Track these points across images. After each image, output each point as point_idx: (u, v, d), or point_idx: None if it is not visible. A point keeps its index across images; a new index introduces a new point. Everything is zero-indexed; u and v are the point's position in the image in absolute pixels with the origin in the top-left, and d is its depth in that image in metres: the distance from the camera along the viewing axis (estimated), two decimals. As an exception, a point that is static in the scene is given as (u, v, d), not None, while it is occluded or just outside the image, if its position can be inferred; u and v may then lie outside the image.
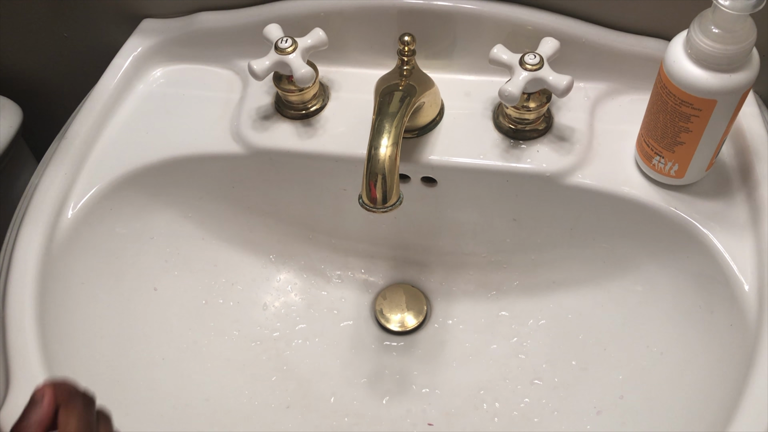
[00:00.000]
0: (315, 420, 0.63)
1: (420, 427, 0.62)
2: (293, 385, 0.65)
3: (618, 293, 0.63)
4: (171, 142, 0.63)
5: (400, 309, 0.69)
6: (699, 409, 0.54)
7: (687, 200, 0.57)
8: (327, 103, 0.64)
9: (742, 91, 0.49)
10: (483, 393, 0.64)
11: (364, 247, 0.71)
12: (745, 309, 0.52)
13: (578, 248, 0.64)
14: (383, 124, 0.52)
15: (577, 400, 0.61)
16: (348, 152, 0.61)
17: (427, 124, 0.61)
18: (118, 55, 0.67)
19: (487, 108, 0.62)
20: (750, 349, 0.50)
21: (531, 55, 0.56)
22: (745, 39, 0.47)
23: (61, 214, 0.59)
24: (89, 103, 0.65)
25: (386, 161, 0.51)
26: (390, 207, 0.52)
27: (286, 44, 0.58)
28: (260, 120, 0.63)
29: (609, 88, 0.62)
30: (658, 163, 0.56)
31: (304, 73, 0.58)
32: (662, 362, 0.59)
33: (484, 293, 0.68)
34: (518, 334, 0.66)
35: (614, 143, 0.60)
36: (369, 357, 0.67)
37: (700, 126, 0.51)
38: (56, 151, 0.62)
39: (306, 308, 0.69)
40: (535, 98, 0.58)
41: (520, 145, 0.60)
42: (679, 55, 0.49)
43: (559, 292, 0.66)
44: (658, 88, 0.52)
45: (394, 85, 0.55)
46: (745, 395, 0.48)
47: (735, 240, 0.55)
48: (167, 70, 0.68)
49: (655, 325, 0.60)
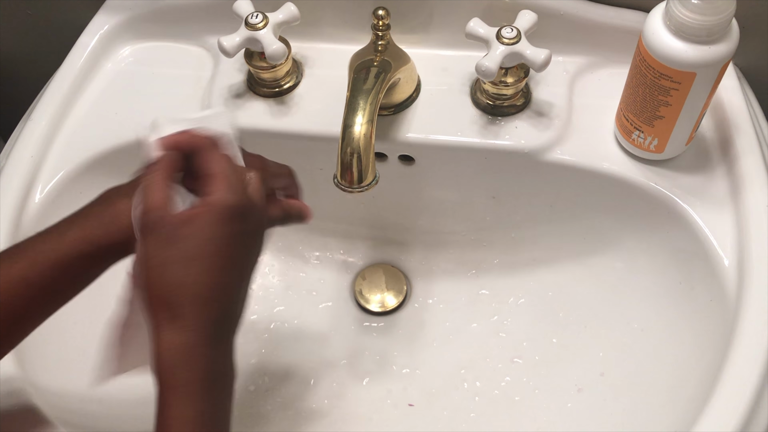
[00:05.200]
0: (295, 402, 0.62)
1: (401, 408, 0.62)
2: (272, 368, 0.64)
3: (599, 270, 0.63)
4: (141, 123, 0.61)
5: (379, 289, 0.68)
6: (680, 384, 0.54)
7: (667, 175, 0.56)
8: (301, 80, 0.62)
9: (721, 63, 0.48)
10: (464, 372, 0.63)
11: (343, 228, 0.70)
12: (724, 284, 0.52)
13: (558, 225, 0.64)
14: (357, 102, 0.51)
15: (558, 377, 0.61)
16: (323, 131, 0.59)
17: (404, 101, 0.60)
18: (84, 33, 0.65)
19: (464, 84, 0.61)
20: (730, 324, 0.50)
21: (508, 28, 0.55)
22: (724, 10, 0.46)
23: (29, 198, 0.58)
24: (55, 83, 0.63)
25: (361, 139, 0.50)
26: (366, 187, 0.51)
27: (257, 20, 0.57)
28: (232, 98, 0.61)
29: (588, 62, 0.61)
30: (637, 138, 0.55)
31: (275, 50, 0.56)
32: (643, 338, 0.59)
33: (464, 272, 0.68)
34: (499, 312, 0.66)
35: (594, 118, 0.59)
36: (349, 338, 0.66)
37: (680, 99, 0.50)
38: (22, 133, 0.60)
39: (284, 290, 0.68)
40: (513, 73, 0.57)
41: (499, 122, 0.59)
42: (657, 27, 0.49)
43: (540, 270, 0.66)
44: (637, 61, 0.51)
45: (368, 61, 0.54)
46: (724, 370, 0.48)
47: (715, 215, 0.54)
48: (135, 48, 0.66)
49: (635, 301, 0.60)
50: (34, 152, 0.59)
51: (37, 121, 0.60)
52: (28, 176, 0.58)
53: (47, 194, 0.58)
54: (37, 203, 0.58)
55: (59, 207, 0.59)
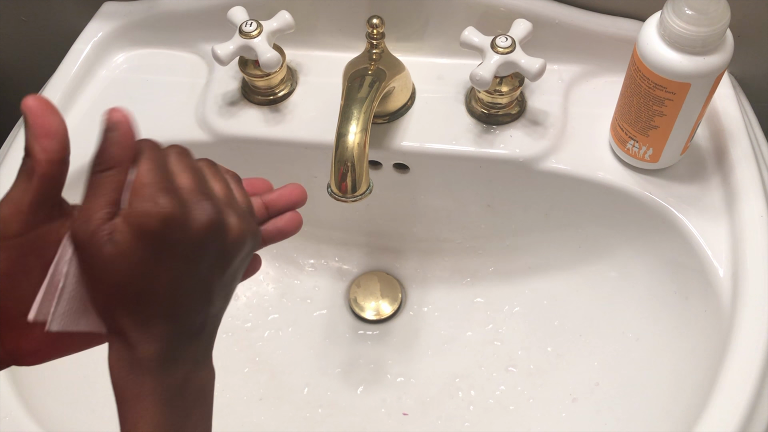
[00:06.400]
0: (288, 412, 0.62)
1: (395, 417, 0.62)
2: (266, 376, 0.64)
3: (593, 279, 0.62)
4: (136, 130, 0.61)
5: (374, 297, 0.68)
6: (674, 394, 0.54)
7: (662, 184, 0.56)
8: (295, 87, 0.62)
9: (716, 73, 0.48)
10: (458, 381, 0.63)
11: (338, 235, 0.69)
12: (719, 294, 0.52)
13: (553, 233, 0.63)
14: (351, 110, 0.50)
15: (553, 387, 0.61)
16: (318, 138, 0.59)
17: (398, 109, 0.60)
18: (78, 40, 0.64)
19: (459, 92, 0.61)
20: (724, 334, 0.50)
21: (503, 37, 0.54)
22: (719, 20, 0.46)
23: (21, 206, 0.57)
24: (49, 90, 0.62)
25: (355, 149, 0.49)
26: (359, 196, 0.51)
27: (251, 28, 0.56)
28: (227, 106, 0.61)
29: (583, 71, 0.61)
30: (632, 148, 0.55)
31: (269, 58, 0.56)
32: (637, 348, 0.59)
33: (459, 280, 0.67)
34: (493, 320, 0.65)
35: (588, 127, 0.59)
36: (343, 346, 0.66)
37: (674, 110, 0.50)
38: (15, 140, 0.60)
39: (279, 298, 0.68)
40: (508, 82, 0.56)
41: (493, 130, 0.59)
42: (652, 38, 0.48)
43: (535, 278, 0.65)
44: (632, 71, 0.51)
45: (362, 70, 0.54)
46: (719, 380, 0.48)
47: (710, 224, 0.54)
48: (130, 55, 0.66)
49: (630, 310, 0.60)
50: (27, 160, 0.59)
51: (30, 129, 0.60)
52: (20, 184, 0.58)
53: (40, 202, 0.58)
54: (29, 211, 0.57)
55: (52, 215, 0.59)
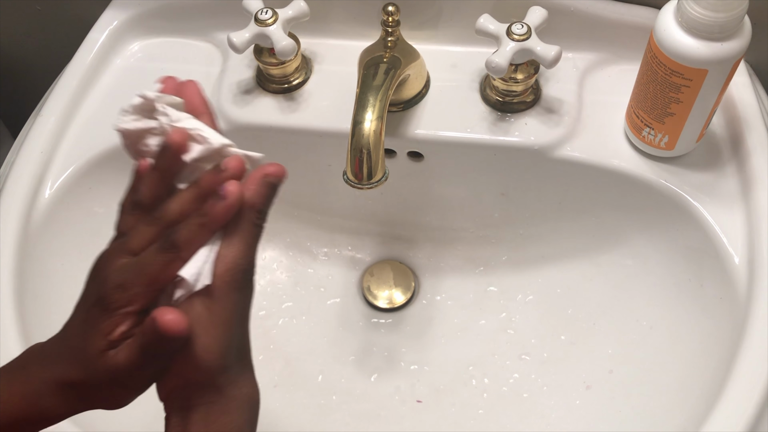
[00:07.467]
0: (303, 399, 0.62)
1: (409, 404, 0.62)
2: (280, 364, 0.64)
3: (607, 267, 0.62)
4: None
5: (387, 286, 0.68)
6: (689, 382, 0.54)
7: (677, 172, 0.56)
8: (310, 76, 0.62)
9: (733, 60, 0.48)
10: (472, 369, 0.63)
11: (351, 224, 0.70)
12: (735, 282, 0.52)
13: (567, 222, 0.63)
14: (367, 98, 0.51)
15: (567, 375, 0.61)
16: (332, 127, 0.59)
17: (413, 97, 0.60)
18: (93, 29, 0.65)
19: (474, 80, 0.61)
20: (740, 322, 0.50)
21: (518, 24, 0.54)
22: (737, 6, 0.46)
23: (38, 194, 0.58)
24: (64, 79, 0.63)
25: (371, 136, 0.50)
26: (375, 183, 0.51)
27: (266, 15, 0.57)
28: (241, 94, 0.61)
29: (598, 59, 0.61)
30: (648, 135, 0.55)
31: (285, 46, 0.56)
32: (652, 336, 0.59)
33: (473, 268, 0.68)
34: (507, 309, 0.65)
35: (603, 115, 0.59)
36: (357, 334, 0.66)
37: (691, 96, 0.50)
38: (32, 128, 0.61)
39: (292, 286, 0.68)
40: (523, 69, 0.56)
41: (508, 118, 0.59)
42: (669, 24, 0.48)
43: (548, 267, 0.65)
44: (648, 58, 0.51)
45: (378, 57, 0.54)
46: (734, 368, 0.48)
47: (726, 212, 0.54)
48: (145, 43, 0.66)
49: (644, 298, 0.60)
50: (44, 148, 0.59)
51: (46, 117, 0.61)
52: (37, 172, 0.58)
53: (57, 190, 0.59)
54: (46, 199, 0.58)
55: (68, 203, 0.59)
